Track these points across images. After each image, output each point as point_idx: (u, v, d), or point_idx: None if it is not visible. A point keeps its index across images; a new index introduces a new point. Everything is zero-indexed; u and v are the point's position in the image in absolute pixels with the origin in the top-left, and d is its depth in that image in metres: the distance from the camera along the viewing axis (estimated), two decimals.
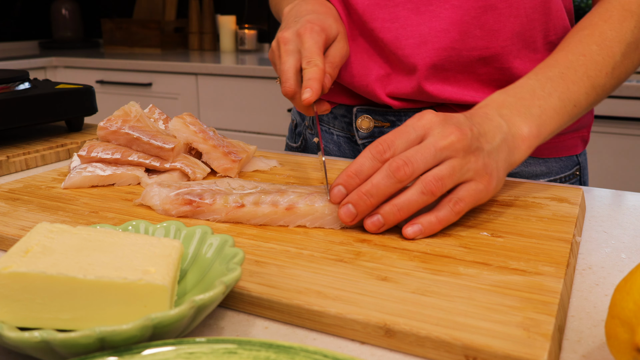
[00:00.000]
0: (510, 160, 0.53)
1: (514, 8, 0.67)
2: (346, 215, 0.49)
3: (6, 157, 0.73)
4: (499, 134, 0.52)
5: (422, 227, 0.48)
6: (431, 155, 0.47)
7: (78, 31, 3.11)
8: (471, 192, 0.49)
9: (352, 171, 0.48)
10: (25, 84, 0.86)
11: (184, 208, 0.53)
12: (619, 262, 0.47)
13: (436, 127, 0.49)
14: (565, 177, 0.77)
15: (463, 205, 0.49)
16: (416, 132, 0.49)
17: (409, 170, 0.47)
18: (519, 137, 0.54)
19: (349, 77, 0.75)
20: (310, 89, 0.58)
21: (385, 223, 0.48)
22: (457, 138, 0.48)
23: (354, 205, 0.48)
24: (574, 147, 0.77)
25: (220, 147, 0.66)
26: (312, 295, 0.39)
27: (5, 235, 0.50)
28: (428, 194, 0.47)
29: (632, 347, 0.28)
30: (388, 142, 0.48)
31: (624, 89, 1.64)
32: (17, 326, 0.33)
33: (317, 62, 0.59)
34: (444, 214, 0.48)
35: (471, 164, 0.49)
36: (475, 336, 0.34)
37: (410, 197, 0.47)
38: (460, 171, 0.48)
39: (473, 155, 0.49)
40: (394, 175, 0.47)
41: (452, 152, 0.48)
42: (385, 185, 0.47)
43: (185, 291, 0.40)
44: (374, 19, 0.71)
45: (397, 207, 0.48)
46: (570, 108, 0.58)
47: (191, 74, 2.29)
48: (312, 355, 0.30)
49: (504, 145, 0.52)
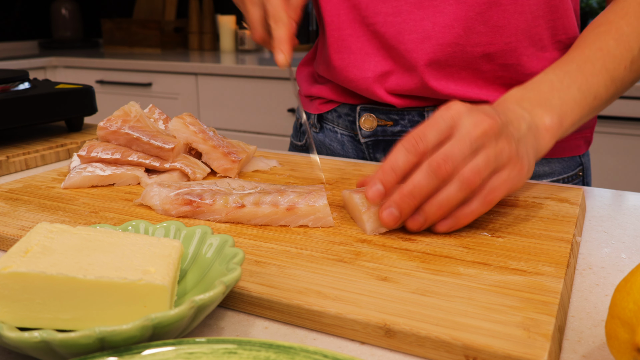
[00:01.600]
0: (538, 148, 0.53)
1: (519, 4, 0.67)
2: (390, 219, 0.48)
3: (6, 157, 0.73)
4: (524, 122, 0.52)
5: (456, 221, 0.48)
6: (467, 147, 0.47)
7: (78, 31, 3.11)
8: (504, 180, 0.48)
9: (388, 167, 0.48)
10: (25, 84, 0.86)
11: (184, 208, 0.53)
12: (619, 262, 0.47)
13: (465, 117, 0.48)
14: (568, 178, 0.77)
15: (495, 195, 0.48)
16: (446, 123, 0.48)
17: (449, 167, 0.46)
18: (542, 127, 0.54)
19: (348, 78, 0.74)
20: (281, 53, 0.59)
21: (427, 221, 0.48)
22: (489, 125, 0.47)
23: (397, 207, 0.47)
24: (577, 147, 0.77)
25: (220, 148, 0.66)
26: (312, 295, 0.39)
27: (5, 235, 0.50)
28: (467, 189, 0.47)
29: (633, 347, 0.28)
30: (420, 135, 0.48)
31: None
32: (17, 326, 0.33)
33: (283, 17, 0.60)
34: (476, 207, 0.48)
35: (505, 152, 0.48)
36: (475, 336, 0.34)
37: (450, 194, 0.47)
38: (495, 159, 0.48)
39: (506, 141, 0.48)
40: (435, 174, 0.46)
41: (486, 140, 0.47)
42: (427, 185, 0.47)
43: (185, 291, 0.40)
44: (377, 13, 0.71)
45: (438, 205, 0.47)
46: (591, 100, 0.58)
47: (191, 74, 2.29)
48: (312, 355, 0.30)
49: (530, 134, 0.52)
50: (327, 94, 0.81)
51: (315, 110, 0.84)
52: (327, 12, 0.74)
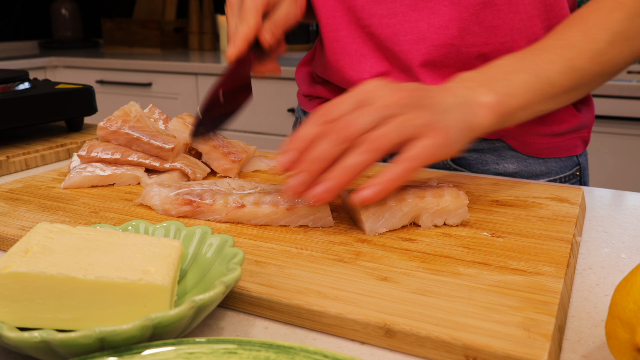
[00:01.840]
0: (468, 121, 0.52)
1: (513, 4, 0.67)
2: (300, 184, 0.48)
3: (6, 157, 0.73)
4: (454, 98, 0.52)
5: (380, 187, 0.47)
6: (373, 113, 0.47)
7: (78, 31, 3.11)
8: (422, 148, 0.48)
9: (297, 137, 0.48)
10: (25, 84, 0.86)
11: (184, 208, 0.53)
12: (619, 262, 0.47)
13: (378, 90, 0.49)
14: (565, 178, 0.77)
15: (416, 162, 0.48)
16: (358, 96, 0.49)
17: (350, 131, 0.46)
18: (476, 103, 0.53)
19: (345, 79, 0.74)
20: (232, 45, 0.59)
21: (335, 187, 0.47)
22: (400, 97, 0.48)
23: (306, 172, 0.47)
24: (574, 147, 0.77)
25: (220, 148, 0.66)
26: (312, 295, 0.39)
27: (5, 235, 0.50)
28: (372, 151, 0.46)
29: (633, 347, 0.28)
30: (330, 107, 0.49)
31: (624, 89, 1.64)
32: (17, 326, 0.33)
33: (249, 19, 0.60)
34: (396, 171, 0.47)
35: (417, 120, 0.48)
36: (475, 336, 0.34)
37: (355, 156, 0.47)
38: (404, 126, 0.47)
39: (419, 111, 0.48)
40: (337, 137, 0.47)
41: (396, 110, 0.48)
42: (330, 148, 0.47)
43: (185, 291, 0.40)
44: (372, 14, 0.71)
45: (343, 168, 0.47)
46: (544, 86, 0.57)
47: (191, 74, 2.29)
48: (312, 355, 0.30)
49: (459, 108, 0.51)
50: (326, 93, 0.81)
51: (314, 110, 0.84)
52: (323, 14, 0.74)
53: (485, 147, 0.74)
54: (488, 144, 0.74)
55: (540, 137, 0.73)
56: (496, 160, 0.75)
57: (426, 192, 0.51)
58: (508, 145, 0.74)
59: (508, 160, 0.74)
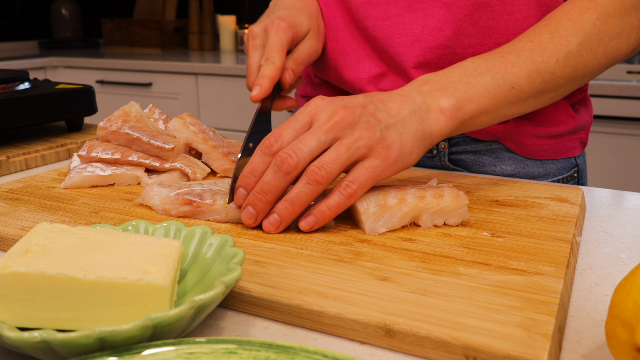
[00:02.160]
0: (426, 130, 0.52)
1: (508, 5, 0.66)
2: (247, 217, 0.49)
3: (6, 157, 0.73)
4: (408, 106, 0.51)
5: (315, 218, 0.48)
6: (315, 140, 0.47)
7: (78, 31, 3.11)
8: (364, 172, 0.48)
9: (247, 171, 0.49)
10: (25, 84, 0.86)
11: (184, 208, 0.53)
12: (619, 262, 0.47)
13: (322, 111, 0.49)
14: (563, 179, 0.77)
15: (355, 187, 0.48)
16: (303, 120, 0.49)
17: (293, 161, 0.47)
18: (435, 109, 0.52)
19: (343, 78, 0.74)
20: (259, 87, 0.58)
21: (282, 220, 0.48)
22: (341, 117, 0.48)
23: (252, 205, 0.49)
24: (572, 149, 0.77)
25: (220, 148, 0.66)
26: (312, 295, 0.39)
27: (5, 235, 0.50)
28: (314, 184, 0.47)
29: (632, 347, 0.28)
30: (275, 136, 0.49)
31: (624, 89, 1.64)
32: (17, 326, 0.33)
33: (275, 59, 0.59)
34: (334, 200, 0.48)
35: (363, 140, 0.48)
36: (475, 336, 0.34)
37: (299, 190, 0.47)
38: (349, 151, 0.47)
39: (365, 130, 0.48)
40: (279, 169, 0.47)
41: (339, 132, 0.48)
42: (275, 180, 0.47)
43: (185, 291, 0.40)
44: (367, 16, 0.71)
45: (289, 203, 0.48)
46: (506, 89, 0.56)
47: (191, 74, 2.29)
48: (312, 355, 0.30)
49: (414, 116, 0.51)
50: (323, 94, 0.81)
51: None
52: (324, 12, 0.74)
53: (482, 148, 0.74)
54: (485, 145, 0.74)
55: (537, 139, 0.73)
56: (493, 162, 0.75)
57: (426, 192, 0.51)
58: (505, 147, 0.74)
59: (505, 162, 0.74)
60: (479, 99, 0.55)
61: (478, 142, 0.74)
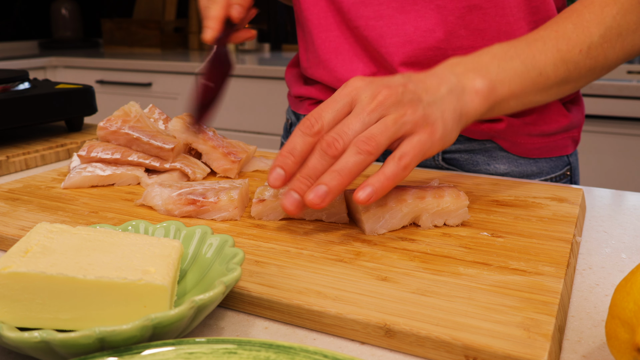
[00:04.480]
0: (462, 110, 0.52)
1: (499, 7, 0.66)
2: (291, 204, 0.46)
3: (6, 157, 0.73)
4: (445, 85, 0.51)
5: (373, 188, 0.46)
6: (360, 122, 0.47)
7: (78, 31, 3.11)
8: (414, 145, 0.47)
9: (286, 150, 0.47)
10: (25, 84, 0.86)
11: (188, 208, 0.53)
12: (619, 262, 0.47)
13: (363, 91, 0.48)
14: (556, 178, 0.77)
15: (408, 159, 0.47)
16: (343, 100, 0.48)
17: (340, 145, 0.46)
18: (470, 89, 0.52)
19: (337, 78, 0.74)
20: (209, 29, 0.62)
21: (330, 191, 0.46)
22: (385, 96, 0.47)
23: (298, 191, 0.46)
24: (565, 147, 0.77)
25: (220, 148, 0.66)
26: (312, 295, 0.39)
27: (5, 235, 0.50)
28: (365, 153, 0.46)
29: (633, 347, 0.28)
30: (315, 116, 0.48)
31: (624, 89, 1.64)
32: (17, 326, 0.33)
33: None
34: (391, 170, 0.47)
35: (408, 117, 0.47)
36: (475, 336, 0.34)
37: (347, 160, 0.46)
38: (395, 125, 0.47)
39: (409, 107, 0.48)
40: (326, 153, 0.46)
41: (383, 111, 0.47)
42: (322, 165, 0.46)
43: (185, 291, 0.40)
44: (359, 16, 0.71)
45: (337, 173, 0.46)
46: (535, 75, 0.56)
47: (191, 74, 2.29)
48: (312, 355, 0.30)
49: (451, 96, 0.51)
50: (317, 94, 0.80)
51: (304, 111, 0.84)
52: (314, 15, 0.74)
53: (476, 147, 0.74)
54: (479, 144, 0.74)
55: (530, 138, 0.73)
56: (487, 160, 0.75)
57: (426, 192, 0.51)
58: (499, 146, 0.74)
59: (499, 161, 0.75)
60: (510, 82, 0.55)
61: (472, 141, 0.74)
